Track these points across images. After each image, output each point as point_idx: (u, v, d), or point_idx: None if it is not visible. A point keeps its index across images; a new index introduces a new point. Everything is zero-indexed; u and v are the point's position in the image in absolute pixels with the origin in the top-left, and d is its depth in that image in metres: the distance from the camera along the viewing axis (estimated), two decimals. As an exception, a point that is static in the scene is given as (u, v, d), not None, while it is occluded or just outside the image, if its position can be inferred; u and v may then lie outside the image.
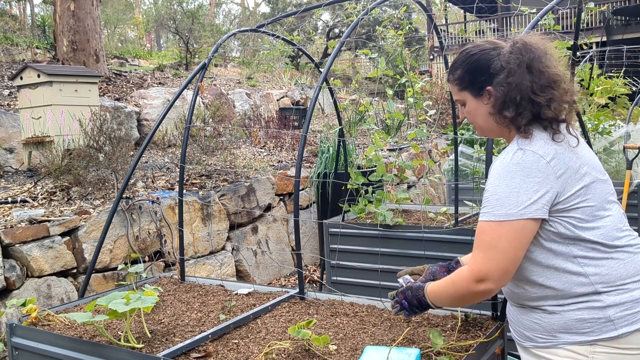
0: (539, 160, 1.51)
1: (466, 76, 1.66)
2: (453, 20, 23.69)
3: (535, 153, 1.52)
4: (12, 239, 3.51)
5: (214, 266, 4.73)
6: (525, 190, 1.49)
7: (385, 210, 3.49)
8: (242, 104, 8.95)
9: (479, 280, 1.52)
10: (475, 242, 1.56)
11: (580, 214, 1.53)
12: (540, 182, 1.49)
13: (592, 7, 3.88)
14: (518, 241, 1.50)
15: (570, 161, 1.53)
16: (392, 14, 4.86)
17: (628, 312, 1.50)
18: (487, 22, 20.01)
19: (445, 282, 1.67)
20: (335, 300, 2.39)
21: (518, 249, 1.51)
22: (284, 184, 5.69)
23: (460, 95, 1.69)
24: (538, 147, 1.54)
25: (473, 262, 1.54)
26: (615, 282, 1.52)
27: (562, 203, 1.52)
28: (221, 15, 31.52)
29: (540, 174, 1.50)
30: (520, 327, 1.65)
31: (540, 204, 1.49)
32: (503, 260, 1.50)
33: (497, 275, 1.51)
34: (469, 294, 1.56)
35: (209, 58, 3.06)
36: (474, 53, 1.65)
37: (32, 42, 9.77)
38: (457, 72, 1.68)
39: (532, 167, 1.50)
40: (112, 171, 4.57)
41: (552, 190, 1.50)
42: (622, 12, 17.11)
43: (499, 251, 1.50)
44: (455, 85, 1.70)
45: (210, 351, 1.93)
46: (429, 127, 9.82)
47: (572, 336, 1.53)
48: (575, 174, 1.53)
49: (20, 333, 2.20)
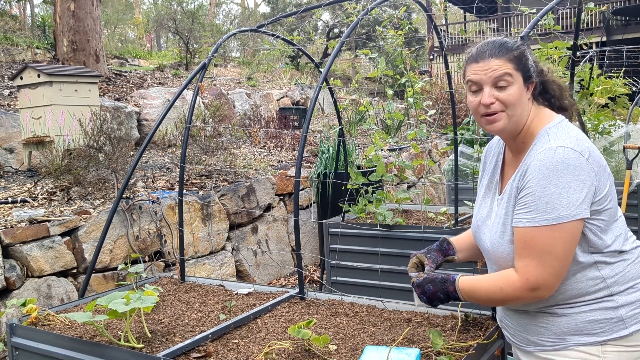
0: (579, 157, 1.46)
1: (523, 60, 1.57)
2: (453, 20, 23.69)
3: (574, 150, 1.47)
4: (12, 239, 3.51)
5: (214, 266, 4.73)
6: (574, 190, 1.44)
7: (385, 210, 3.49)
8: (242, 104, 8.95)
9: (533, 289, 1.47)
10: (522, 249, 1.49)
11: (606, 217, 1.51)
12: (584, 180, 1.45)
13: (592, 7, 3.88)
14: (571, 244, 1.46)
15: (600, 159, 1.51)
16: (392, 14, 4.86)
17: (637, 311, 1.51)
18: (487, 22, 20.01)
19: (489, 285, 1.59)
20: (335, 300, 2.39)
21: (571, 251, 1.47)
22: (284, 184, 5.69)
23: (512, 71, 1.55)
24: (574, 143, 1.49)
25: (525, 271, 1.48)
26: (628, 282, 1.52)
27: (596, 204, 1.48)
28: (221, 15, 31.52)
29: (583, 171, 1.45)
30: (523, 331, 1.61)
31: (587, 203, 1.46)
32: (558, 265, 1.46)
33: (553, 281, 1.47)
34: (517, 300, 1.53)
35: (209, 58, 3.06)
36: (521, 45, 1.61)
37: (32, 42, 9.77)
38: (515, 52, 1.57)
39: (575, 164, 1.45)
40: (112, 171, 4.57)
41: (592, 189, 1.46)
42: (622, 12, 17.11)
43: (553, 257, 1.45)
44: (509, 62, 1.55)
45: (210, 351, 1.93)
46: (429, 127, 9.82)
47: (583, 337, 1.50)
48: (604, 173, 1.51)
49: (20, 333, 2.20)
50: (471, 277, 1.64)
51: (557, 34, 3.44)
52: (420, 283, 1.71)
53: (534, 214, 1.47)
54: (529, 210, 1.49)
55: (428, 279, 1.70)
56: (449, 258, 1.89)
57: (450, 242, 1.89)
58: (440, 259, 1.85)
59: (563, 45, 3.41)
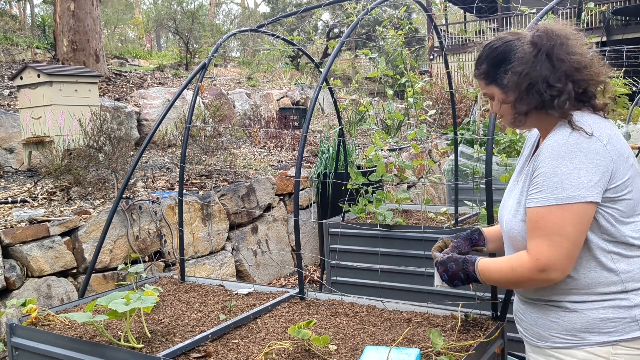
0: (596, 141, 1.45)
1: (491, 70, 1.60)
2: (453, 20, 23.69)
3: (592, 135, 1.46)
4: (12, 239, 3.51)
5: (214, 266, 4.73)
6: (586, 172, 1.43)
7: (385, 210, 3.49)
8: (242, 104, 8.95)
9: (543, 270, 1.45)
10: (532, 229, 1.48)
11: (623, 207, 1.48)
12: (598, 165, 1.43)
13: (592, 7, 3.88)
14: (581, 226, 1.44)
15: (621, 148, 1.49)
16: (392, 14, 4.86)
17: None
18: (487, 22, 20.01)
19: (502, 266, 1.58)
20: (335, 300, 2.39)
21: (582, 233, 1.45)
22: (284, 184, 5.69)
23: (489, 89, 1.64)
24: (593, 129, 1.48)
25: (536, 251, 1.46)
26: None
27: (610, 191, 1.46)
28: (221, 15, 31.52)
29: (598, 156, 1.44)
30: (535, 325, 1.59)
31: (600, 188, 1.44)
32: (568, 246, 1.44)
33: (564, 263, 1.45)
34: (529, 282, 1.51)
35: (209, 58, 3.06)
36: (496, 46, 1.60)
37: (32, 42, 9.77)
38: (482, 66, 1.63)
39: (589, 147, 1.44)
40: (112, 171, 4.57)
41: (607, 175, 1.44)
42: (622, 12, 17.11)
43: (564, 238, 1.43)
44: (481, 80, 1.65)
45: (210, 351, 1.93)
46: (429, 127, 9.82)
47: (594, 336, 1.48)
48: (625, 162, 1.48)
49: (20, 333, 2.20)
50: (489, 259, 1.65)
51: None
52: (444, 261, 1.72)
53: (544, 194, 1.47)
54: (539, 190, 1.48)
55: (452, 258, 1.72)
56: (477, 248, 1.90)
57: (482, 232, 1.90)
58: (467, 248, 1.86)
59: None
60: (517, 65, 1.54)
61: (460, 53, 17.82)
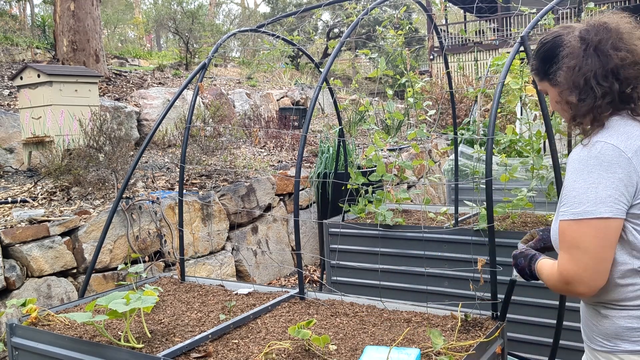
0: (620, 155, 1.40)
1: (541, 66, 1.59)
2: (453, 20, 23.69)
3: (616, 147, 1.41)
4: (12, 239, 3.51)
5: (214, 266, 4.73)
6: (605, 186, 1.38)
7: (385, 210, 3.49)
8: (242, 104, 8.95)
9: (568, 283, 1.44)
10: (558, 242, 1.50)
11: None
12: (620, 178, 1.38)
13: (592, 7, 3.88)
14: (602, 240, 1.40)
15: None
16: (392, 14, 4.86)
17: None
18: (487, 22, 20.01)
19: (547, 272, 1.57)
20: (335, 300, 2.39)
21: (604, 248, 1.40)
22: (284, 184, 5.69)
23: (542, 85, 1.63)
24: (619, 140, 1.42)
25: (560, 264, 1.47)
26: None
27: (636, 207, 1.41)
28: (221, 15, 31.52)
29: (621, 169, 1.39)
30: (585, 326, 1.61)
31: (622, 203, 1.39)
32: (588, 261, 1.40)
33: (586, 277, 1.41)
34: (559, 291, 1.53)
35: (209, 58, 3.06)
36: (546, 41, 1.58)
37: (32, 42, 9.77)
38: (534, 63, 1.62)
39: (612, 161, 1.39)
40: (112, 171, 4.57)
41: (630, 189, 1.39)
42: (622, 12, 17.08)
43: (582, 252, 1.41)
44: (535, 76, 1.64)
45: (210, 351, 1.93)
46: (429, 127, 9.82)
47: (624, 344, 1.47)
48: None
49: (20, 333, 2.20)
50: (544, 261, 1.63)
51: (557, 34, 3.43)
52: (516, 255, 1.72)
53: (564, 208, 1.46)
54: (562, 204, 1.48)
55: (524, 253, 1.70)
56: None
57: None
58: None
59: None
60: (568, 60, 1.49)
61: (460, 53, 17.83)
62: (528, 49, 2.29)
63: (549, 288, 1.58)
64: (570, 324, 2.60)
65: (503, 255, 3.12)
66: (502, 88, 2.31)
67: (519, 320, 3.13)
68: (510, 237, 3.16)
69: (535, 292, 3.10)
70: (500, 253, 3.08)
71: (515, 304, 3.08)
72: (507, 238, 3.16)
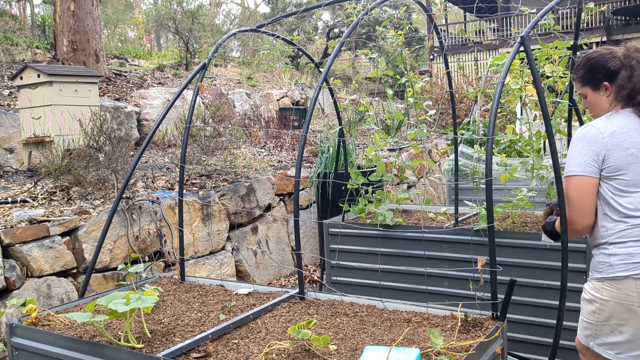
0: (598, 133, 2.02)
1: (587, 75, 2.14)
2: (453, 20, 23.69)
3: (597, 129, 2.03)
4: (12, 239, 3.51)
5: (214, 266, 4.73)
6: (583, 154, 2.01)
7: (385, 210, 3.49)
8: (242, 104, 8.95)
9: (570, 224, 2.08)
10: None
11: (617, 184, 2.02)
12: (595, 150, 2.01)
13: (592, 7, 3.88)
14: (579, 191, 2.03)
15: (624, 141, 2.00)
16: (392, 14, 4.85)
17: (623, 262, 2.00)
18: (487, 22, 20.01)
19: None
20: (335, 300, 2.39)
21: (582, 196, 2.03)
22: (284, 184, 5.69)
23: (583, 90, 2.18)
24: (605, 125, 2.03)
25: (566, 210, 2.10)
26: (621, 238, 2.01)
27: (605, 171, 2.02)
28: (221, 15, 31.50)
29: (596, 143, 2.01)
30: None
31: (594, 167, 2.01)
32: (574, 205, 2.05)
33: (576, 217, 2.06)
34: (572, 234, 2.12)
35: (209, 58, 3.06)
36: (593, 57, 2.13)
37: (32, 42, 9.77)
38: (580, 72, 2.17)
39: (591, 137, 2.03)
40: (112, 171, 4.57)
41: (600, 157, 2.01)
42: (622, 12, 17.09)
43: (570, 199, 2.06)
44: (578, 82, 2.19)
45: (210, 351, 1.93)
46: (429, 127, 9.82)
47: (595, 273, 2.08)
48: (622, 152, 2.00)
49: (20, 333, 2.20)
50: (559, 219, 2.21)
51: (557, 34, 3.44)
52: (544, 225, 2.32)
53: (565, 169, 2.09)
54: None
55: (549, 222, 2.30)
56: None
57: None
58: None
59: (563, 45, 3.41)
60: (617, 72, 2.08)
61: (460, 53, 17.82)
62: (528, 49, 2.29)
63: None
64: (570, 324, 2.60)
65: (503, 255, 3.12)
66: (502, 88, 2.32)
67: (519, 320, 3.13)
68: (510, 237, 3.16)
69: (535, 292, 3.10)
70: (500, 253, 3.08)
71: (515, 304, 3.09)
72: (507, 238, 3.16)
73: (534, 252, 3.08)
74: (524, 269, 3.08)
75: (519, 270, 3.07)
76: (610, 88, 2.08)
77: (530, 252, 3.10)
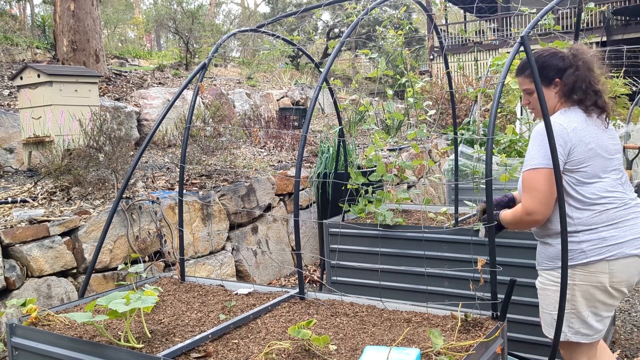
0: (562, 129, 2.17)
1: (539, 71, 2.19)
2: (453, 20, 23.69)
3: (561, 125, 2.17)
4: (12, 239, 3.51)
5: (214, 266, 4.73)
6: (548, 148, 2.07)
7: (385, 210, 3.49)
8: (242, 104, 8.95)
9: (529, 214, 2.16)
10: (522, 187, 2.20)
11: (580, 177, 2.17)
12: (561, 144, 2.14)
13: (592, 7, 3.88)
14: (548, 182, 2.12)
15: (584, 137, 2.17)
16: (392, 14, 4.85)
17: (595, 247, 2.15)
18: (487, 22, 20.01)
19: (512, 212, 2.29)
20: (335, 300, 2.39)
21: (550, 187, 2.12)
22: (284, 184, 5.69)
23: (531, 86, 2.32)
24: (566, 121, 2.19)
25: (523, 202, 2.19)
26: (590, 225, 2.16)
27: (568, 164, 2.16)
28: (221, 15, 31.51)
29: (561, 139, 2.15)
30: (538, 256, 2.33)
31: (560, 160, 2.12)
32: (540, 197, 2.13)
33: (541, 209, 2.15)
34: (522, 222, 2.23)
35: (209, 58, 3.06)
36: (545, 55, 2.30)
37: (32, 42, 9.77)
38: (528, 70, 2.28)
39: (557, 134, 2.13)
40: (112, 171, 4.57)
41: (564, 151, 2.14)
42: (622, 12, 17.10)
43: (537, 191, 2.14)
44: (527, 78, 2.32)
45: (210, 351, 1.93)
46: (429, 127, 9.82)
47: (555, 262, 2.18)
48: (584, 147, 2.16)
49: (20, 333, 2.20)
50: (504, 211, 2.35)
51: (557, 34, 3.44)
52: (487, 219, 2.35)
53: (526, 163, 2.19)
54: (525, 161, 2.20)
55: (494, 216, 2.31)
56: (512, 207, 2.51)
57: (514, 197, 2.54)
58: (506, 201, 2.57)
59: (563, 45, 3.41)
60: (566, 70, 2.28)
61: (460, 53, 17.82)
62: (528, 49, 2.29)
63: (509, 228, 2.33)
64: (570, 324, 2.60)
65: (503, 255, 3.12)
66: (502, 88, 2.32)
67: (519, 320, 3.13)
68: (510, 237, 3.16)
69: (535, 292, 3.09)
70: (500, 253, 3.08)
71: (515, 304, 3.08)
72: (507, 238, 3.16)
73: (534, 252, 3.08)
74: (524, 269, 3.08)
75: (519, 270, 3.07)
76: (560, 84, 2.26)
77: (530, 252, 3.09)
